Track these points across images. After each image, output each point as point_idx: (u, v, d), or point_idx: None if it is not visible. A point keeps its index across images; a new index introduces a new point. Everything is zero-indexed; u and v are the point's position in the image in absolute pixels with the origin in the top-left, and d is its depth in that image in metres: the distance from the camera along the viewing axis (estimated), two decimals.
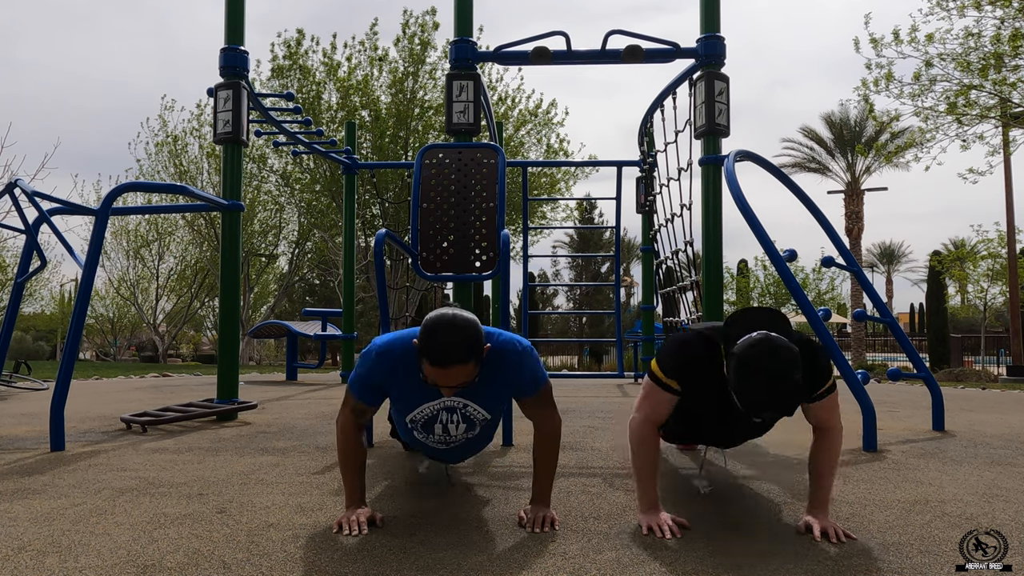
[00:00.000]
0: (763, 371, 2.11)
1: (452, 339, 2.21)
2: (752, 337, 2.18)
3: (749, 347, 2.15)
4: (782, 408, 2.14)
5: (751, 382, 2.12)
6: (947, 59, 12.11)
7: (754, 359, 2.12)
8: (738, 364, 2.15)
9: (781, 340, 2.16)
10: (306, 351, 29.56)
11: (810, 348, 2.40)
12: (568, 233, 42.22)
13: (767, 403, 2.12)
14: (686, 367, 2.46)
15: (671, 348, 2.52)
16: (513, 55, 5.59)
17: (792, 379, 2.11)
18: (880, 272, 52.60)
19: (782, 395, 2.11)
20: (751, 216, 4.20)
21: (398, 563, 2.13)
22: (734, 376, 2.17)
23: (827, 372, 2.44)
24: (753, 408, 2.15)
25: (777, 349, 2.13)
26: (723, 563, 2.14)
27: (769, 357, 2.12)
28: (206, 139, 22.39)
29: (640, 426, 2.51)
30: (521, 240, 11.20)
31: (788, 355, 2.12)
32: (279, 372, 11.96)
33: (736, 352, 2.18)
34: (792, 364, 2.12)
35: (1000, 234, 18.85)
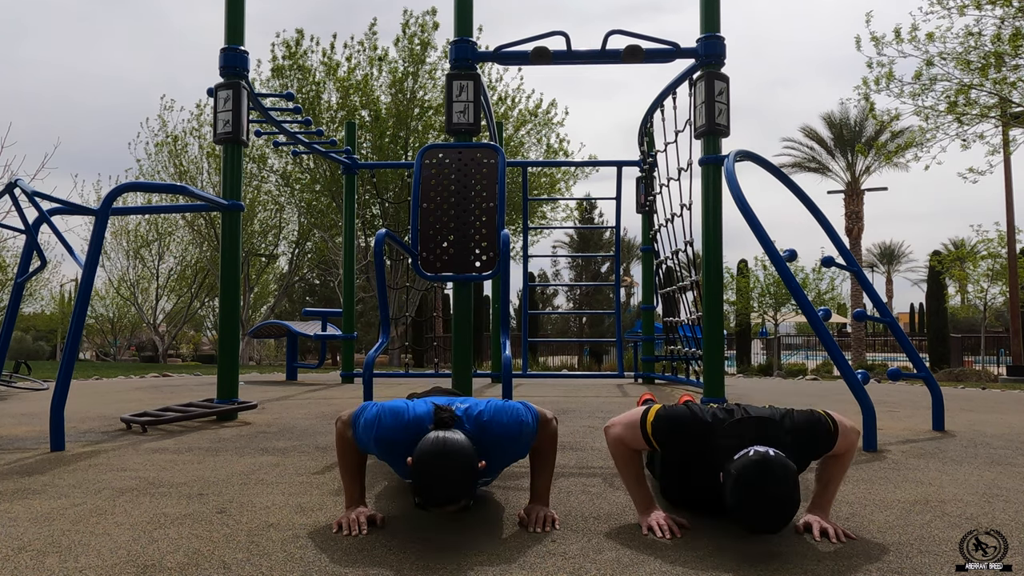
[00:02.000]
0: (761, 492, 2.11)
1: (443, 488, 2.16)
2: (748, 456, 2.17)
3: (745, 467, 2.14)
4: (780, 525, 2.15)
5: (749, 503, 2.12)
6: (947, 58, 12.11)
7: (752, 480, 2.12)
8: (735, 484, 2.14)
9: (777, 459, 2.15)
10: (306, 351, 29.57)
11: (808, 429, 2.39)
12: (568, 233, 42.24)
13: (765, 522, 2.14)
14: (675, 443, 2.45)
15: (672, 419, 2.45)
16: (513, 55, 5.59)
17: (789, 498, 2.11)
18: (880, 272, 52.61)
19: (780, 514, 2.12)
20: (751, 216, 4.20)
21: (398, 563, 2.13)
22: (731, 495, 2.16)
23: (830, 435, 2.42)
24: (751, 526, 2.17)
25: (774, 469, 2.12)
26: (723, 563, 2.14)
27: (767, 478, 2.11)
28: (206, 139, 22.41)
29: (616, 441, 2.54)
30: (521, 240, 11.20)
31: (785, 474, 2.12)
32: (279, 372, 11.96)
33: (733, 472, 2.16)
34: (789, 482, 2.12)
35: (1000, 234, 18.85)
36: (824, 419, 2.44)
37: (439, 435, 2.21)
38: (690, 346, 7.69)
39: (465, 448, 2.19)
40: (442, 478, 2.15)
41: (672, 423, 2.44)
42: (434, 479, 2.15)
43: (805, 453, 2.39)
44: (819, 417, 2.44)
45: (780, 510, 2.11)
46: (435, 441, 2.19)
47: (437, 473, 2.15)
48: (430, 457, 2.16)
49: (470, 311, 5.28)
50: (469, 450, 2.20)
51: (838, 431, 2.43)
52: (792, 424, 2.38)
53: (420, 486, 2.17)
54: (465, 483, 2.18)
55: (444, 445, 2.18)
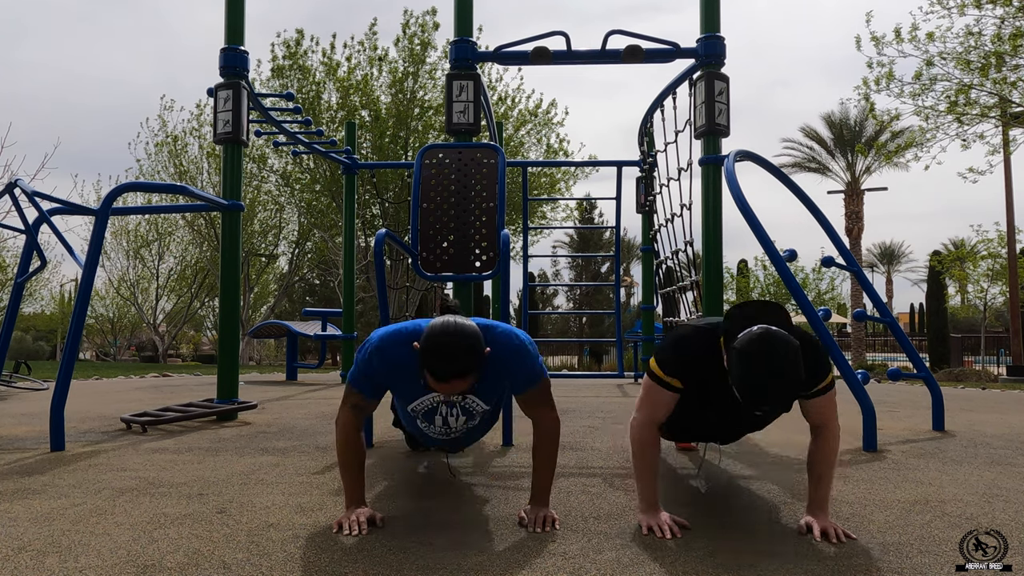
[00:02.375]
0: (764, 363, 2.11)
1: (453, 354, 2.24)
2: (752, 331, 2.18)
3: (749, 341, 2.16)
4: (782, 400, 2.16)
5: (752, 375, 2.13)
6: (947, 58, 12.11)
7: (755, 352, 2.13)
8: (738, 357, 2.16)
9: (781, 333, 2.17)
10: (306, 351, 29.56)
11: (809, 343, 2.40)
12: (568, 233, 42.22)
13: (768, 395, 2.13)
14: (687, 364, 2.46)
15: (670, 345, 2.52)
16: (513, 55, 5.59)
17: (793, 369, 2.12)
18: (880, 272, 52.60)
19: (782, 387, 2.12)
20: (751, 216, 4.20)
21: (398, 563, 2.13)
22: (735, 369, 2.18)
23: (826, 369, 2.44)
24: (753, 400, 2.16)
25: (777, 342, 2.13)
26: (723, 563, 2.14)
27: (769, 350, 2.12)
28: (206, 139, 22.39)
29: (641, 427, 2.51)
30: (521, 240, 11.20)
31: (788, 348, 2.13)
32: (279, 372, 11.96)
33: (736, 346, 2.18)
34: (792, 356, 2.13)
35: (1000, 234, 18.85)
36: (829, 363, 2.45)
37: (446, 316, 2.34)
38: None
39: (471, 326, 2.31)
40: (452, 350, 2.23)
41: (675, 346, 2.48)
42: (444, 350, 2.23)
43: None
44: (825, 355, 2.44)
45: (782, 381, 2.11)
46: (443, 319, 2.31)
47: (446, 345, 2.23)
48: (439, 330, 2.27)
49: (470, 311, 5.28)
50: (475, 328, 2.32)
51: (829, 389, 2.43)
52: (798, 332, 2.37)
53: (429, 356, 2.24)
54: (473, 355, 2.26)
55: (453, 322, 2.30)
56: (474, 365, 2.27)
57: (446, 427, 2.63)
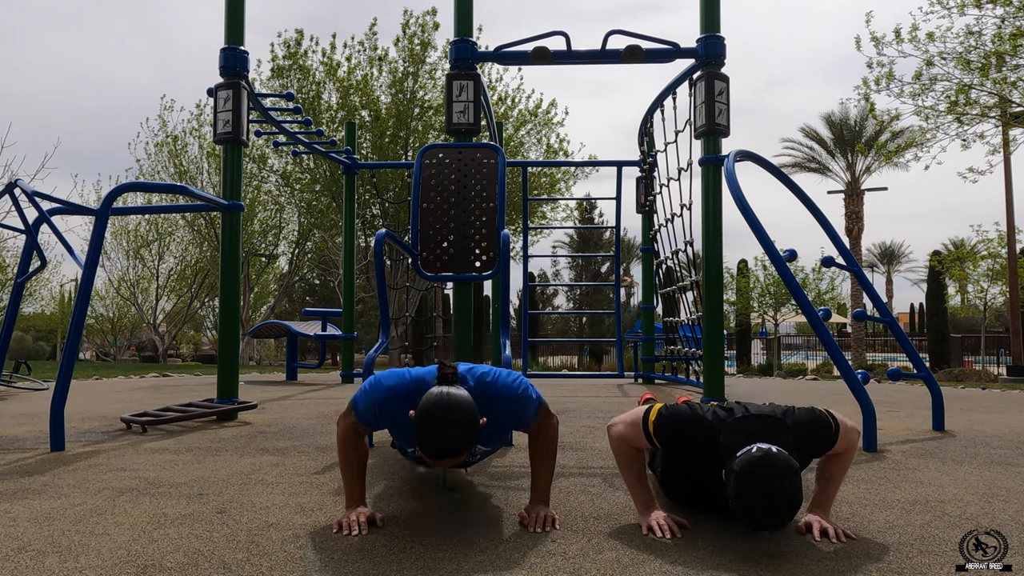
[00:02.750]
0: (763, 489, 2.10)
1: (446, 438, 2.20)
2: (751, 452, 2.16)
3: (748, 464, 2.13)
4: (781, 523, 2.14)
5: (751, 500, 2.11)
6: (947, 58, 12.10)
7: (754, 477, 2.11)
8: (737, 481, 2.13)
9: (780, 456, 2.14)
10: (306, 351, 29.56)
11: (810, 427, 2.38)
12: (568, 233, 42.22)
13: (767, 520, 2.13)
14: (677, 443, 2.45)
15: (675, 419, 2.46)
16: (513, 55, 5.59)
17: (792, 496, 2.10)
18: (880, 272, 52.64)
19: (782, 512, 2.11)
20: (751, 216, 4.20)
21: (398, 563, 2.13)
22: (733, 491, 2.15)
23: (831, 434, 2.42)
24: (752, 524, 2.16)
25: (777, 466, 2.11)
26: (723, 563, 2.14)
27: (769, 475, 2.10)
28: (206, 139, 22.39)
29: (619, 440, 2.55)
30: (521, 240, 11.19)
31: (788, 471, 2.11)
32: (279, 372, 11.96)
33: (736, 469, 2.15)
34: (792, 480, 2.11)
35: (1000, 234, 18.83)
36: (825, 417, 2.44)
37: (443, 389, 2.28)
38: (690, 346, 7.69)
39: (467, 402, 2.26)
40: (445, 429, 2.19)
41: (674, 422, 2.44)
42: (436, 430, 2.20)
43: (806, 451, 2.39)
44: (820, 415, 2.44)
45: (782, 507, 2.10)
46: (439, 394, 2.25)
47: (440, 424, 2.20)
48: (432, 408, 2.22)
49: (470, 311, 5.28)
50: (471, 404, 2.26)
51: (839, 430, 2.43)
52: (794, 421, 2.37)
53: (422, 438, 2.21)
54: (466, 435, 2.22)
55: (448, 397, 2.24)
56: (467, 445, 2.23)
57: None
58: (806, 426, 2.38)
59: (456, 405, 2.22)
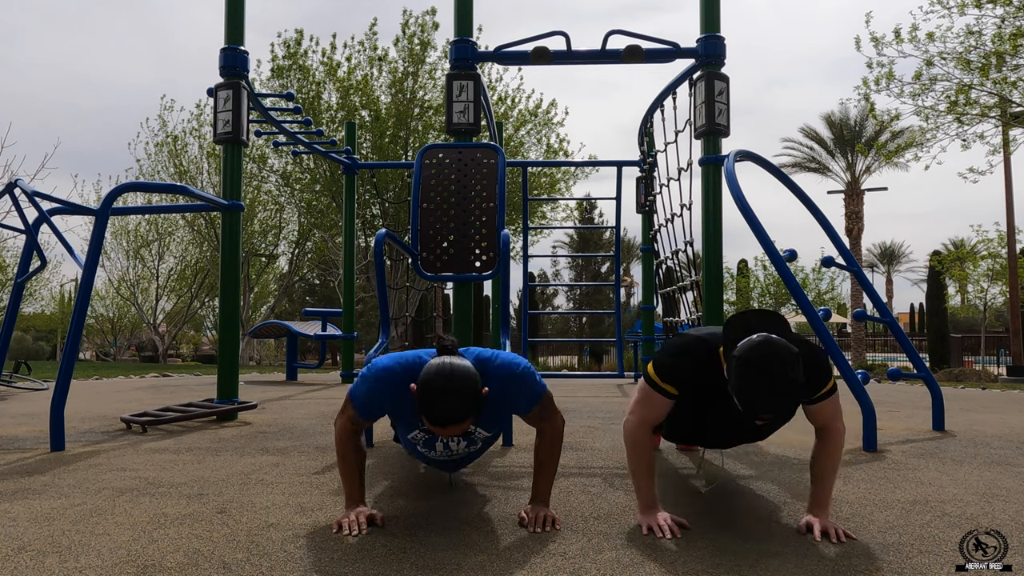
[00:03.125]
0: (764, 372, 2.10)
1: (450, 403, 2.20)
2: (753, 339, 2.18)
3: (750, 349, 2.15)
4: (783, 409, 2.14)
5: (752, 383, 2.12)
6: (947, 58, 12.11)
7: (755, 360, 2.12)
8: (739, 365, 2.15)
9: (781, 341, 2.16)
10: (306, 351, 29.56)
11: (810, 350, 2.39)
12: (568, 233, 42.22)
13: (768, 404, 2.12)
14: (684, 372, 2.45)
15: (668, 352, 2.51)
16: (513, 55, 5.58)
17: (793, 380, 2.11)
18: (880, 272, 52.64)
19: (783, 396, 2.11)
20: (751, 216, 4.20)
21: (398, 563, 2.13)
22: (735, 377, 2.17)
23: (827, 374, 2.43)
24: (753, 409, 2.15)
25: (778, 350, 2.13)
26: (723, 563, 2.14)
27: (770, 358, 2.11)
28: (206, 139, 22.39)
29: (635, 429, 2.51)
30: (521, 240, 11.19)
31: (789, 356, 2.12)
32: (279, 372, 11.96)
33: (737, 354, 2.17)
34: (793, 365, 2.12)
35: (1000, 234, 18.84)
36: (829, 367, 2.45)
37: (443, 359, 2.28)
38: None
39: (469, 369, 2.26)
40: (448, 396, 2.19)
41: (673, 356, 2.47)
42: (440, 396, 2.19)
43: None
44: (827, 362, 2.44)
45: (782, 390, 2.10)
46: (440, 363, 2.26)
47: (443, 391, 2.19)
48: (435, 375, 2.22)
49: (470, 311, 5.28)
50: (473, 372, 2.26)
51: (831, 394, 2.42)
52: (798, 339, 2.37)
53: (426, 406, 2.21)
54: (470, 401, 2.22)
55: (449, 365, 2.24)
56: (471, 411, 2.24)
57: (447, 451, 2.60)
58: (808, 356, 2.37)
59: (458, 372, 2.23)
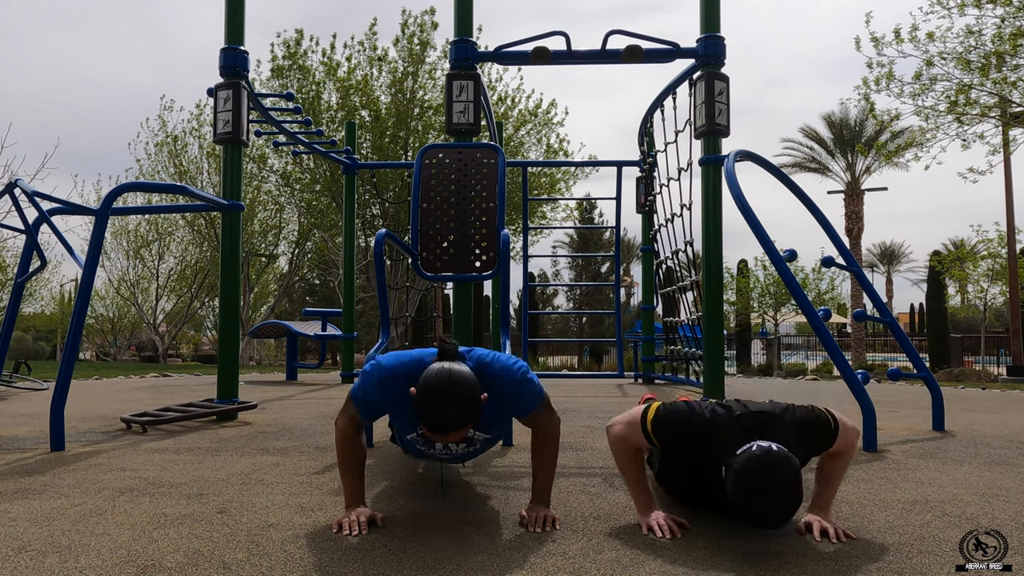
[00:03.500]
0: (763, 487, 2.10)
1: (449, 411, 2.19)
2: (752, 451, 2.16)
3: (749, 461, 2.13)
4: (781, 521, 2.15)
5: (751, 498, 2.11)
6: (947, 58, 12.11)
7: (754, 475, 2.11)
8: (737, 478, 2.14)
9: (781, 453, 2.14)
10: (306, 351, 29.54)
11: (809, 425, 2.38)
12: (568, 233, 42.21)
13: (766, 518, 2.13)
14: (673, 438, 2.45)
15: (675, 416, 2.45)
16: (513, 55, 5.59)
17: (792, 495, 2.11)
18: (880, 272, 52.65)
19: (782, 510, 2.11)
20: (751, 216, 4.20)
21: (398, 563, 2.13)
22: (732, 488, 2.15)
23: (830, 432, 2.42)
24: (751, 522, 2.17)
25: (777, 463, 2.11)
26: (723, 563, 2.14)
27: (770, 472, 2.10)
28: (206, 139, 22.39)
29: (618, 439, 2.54)
30: (521, 240, 11.19)
31: (788, 468, 2.11)
32: (279, 372, 11.96)
33: (736, 467, 2.16)
34: (792, 478, 2.11)
35: (1000, 234, 18.84)
36: (825, 415, 2.44)
37: (443, 364, 2.28)
38: (690, 346, 7.69)
39: (469, 375, 2.26)
40: (447, 403, 2.19)
41: (673, 420, 2.44)
42: (439, 404, 2.19)
43: (806, 449, 2.38)
44: (820, 413, 2.44)
45: (782, 505, 2.10)
46: (440, 369, 2.25)
47: (442, 398, 2.19)
48: (435, 382, 2.21)
49: (470, 311, 5.28)
50: (472, 378, 2.26)
51: (839, 428, 2.43)
52: (793, 419, 2.37)
53: (425, 413, 2.20)
54: (469, 409, 2.22)
55: (449, 371, 2.24)
56: (470, 418, 2.23)
57: (447, 451, 2.61)
58: (806, 424, 2.38)
59: (457, 379, 2.22)
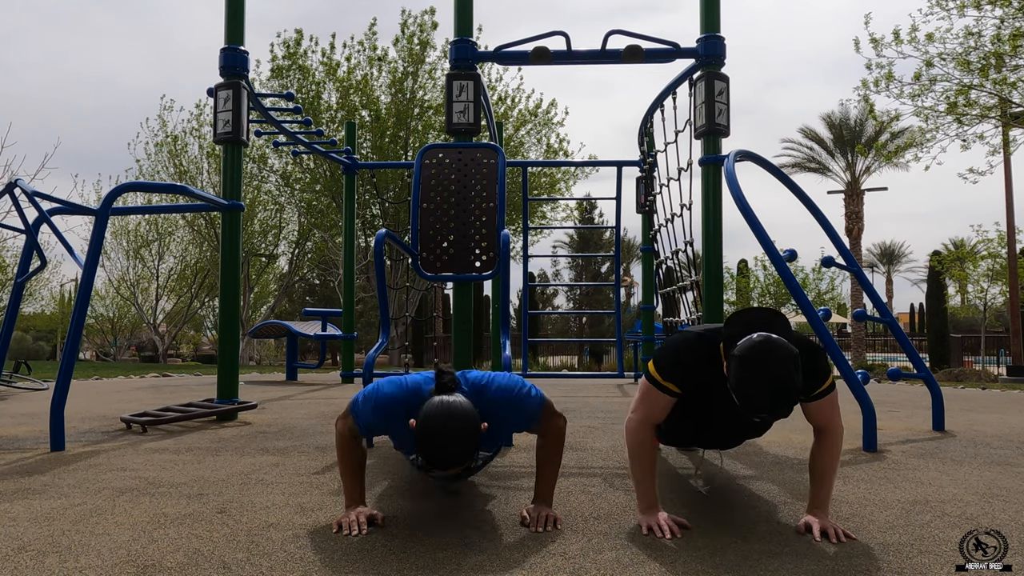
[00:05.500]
0: (763, 371, 2.11)
1: (449, 448, 2.19)
2: (752, 338, 2.19)
3: (749, 347, 2.16)
4: (781, 407, 2.15)
5: (751, 382, 2.13)
6: (947, 59, 12.11)
7: (754, 359, 2.13)
8: (738, 364, 2.16)
9: (781, 340, 2.17)
10: (306, 351, 29.55)
11: (809, 348, 2.40)
12: (568, 233, 42.21)
13: (767, 402, 2.13)
14: (685, 369, 2.45)
15: (669, 350, 2.51)
16: (513, 55, 5.58)
17: (792, 378, 2.12)
18: (880, 272, 52.64)
19: (781, 394, 2.12)
20: (751, 216, 4.20)
21: (398, 563, 2.13)
22: (734, 376, 2.17)
23: (826, 372, 2.44)
24: (752, 407, 2.16)
25: (777, 349, 2.14)
26: (723, 563, 2.14)
27: (769, 357, 2.12)
28: (206, 139, 22.39)
29: (637, 428, 2.51)
30: (521, 240, 11.20)
31: (788, 355, 2.13)
32: (279, 372, 11.96)
33: (736, 353, 2.18)
34: (792, 364, 2.13)
35: (1000, 234, 18.84)
36: (827, 364, 2.45)
37: (442, 398, 2.27)
38: None
39: (468, 409, 2.25)
40: (446, 439, 2.19)
41: (674, 353, 2.46)
42: (438, 440, 2.19)
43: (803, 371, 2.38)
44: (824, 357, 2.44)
45: (781, 390, 2.11)
46: (439, 404, 2.25)
47: (441, 434, 2.19)
48: (434, 418, 2.21)
49: (470, 311, 5.28)
50: (472, 411, 2.25)
51: (829, 387, 2.42)
52: (797, 337, 2.37)
53: (424, 448, 2.20)
54: (468, 444, 2.22)
55: (447, 406, 2.23)
56: (471, 453, 2.23)
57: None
58: (807, 354, 2.37)
59: (457, 414, 2.21)
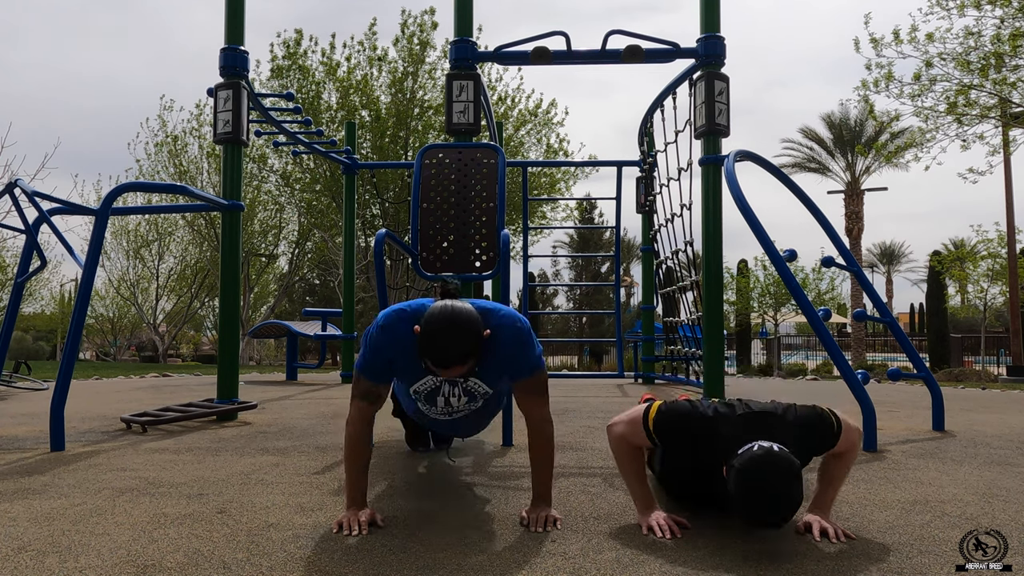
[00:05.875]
0: (763, 484, 2.10)
1: (452, 343, 2.28)
2: (753, 451, 2.16)
3: (749, 459, 2.14)
4: (782, 522, 2.16)
5: (751, 494, 2.12)
6: (947, 59, 12.11)
7: (757, 477, 2.11)
8: (739, 480, 2.14)
9: (782, 454, 2.14)
10: (306, 351, 29.53)
11: (810, 424, 2.38)
12: (568, 233, 42.20)
13: (766, 514, 2.13)
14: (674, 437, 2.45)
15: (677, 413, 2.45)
16: (513, 55, 5.59)
17: (792, 491, 2.11)
18: (880, 272, 52.65)
19: (782, 507, 2.11)
20: (751, 216, 4.20)
21: (398, 563, 2.13)
22: (735, 491, 2.15)
23: (832, 432, 2.42)
24: (752, 518, 2.17)
25: (778, 462, 2.12)
26: (723, 563, 2.14)
27: (770, 470, 2.11)
28: (206, 139, 22.38)
29: (618, 439, 2.55)
30: (521, 240, 11.19)
31: (788, 467, 2.11)
32: (279, 372, 11.96)
33: (736, 464, 2.16)
34: (792, 476, 2.11)
35: (1000, 234, 18.83)
36: (827, 415, 2.44)
37: (446, 301, 2.38)
38: (690, 346, 7.69)
39: (471, 311, 2.35)
40: (449, 335, 2.28)
41: (674, 418, 2.44)
42: (442, 336, 2.28)
43: (807, 449, 2.38)
44: (822, 413, 2.44)
45: (782, 505, 2.10)
46: (443, 305, 2.35)
47: (445, 331, 2.28)
48: (437, 316, 2.32)
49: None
50: (475, 315, 2.35)
51: (841, 429, 2.42)
52: (795, 419, 2.37)
53: (428, 346, 2.29)
54: (471, 341, 2.31)
55: (451, 307, 2.34)
56: (473, 350, 2.32)
57: (448, 407, 2.65)
58: (807, 424, 2.38)
59: (460, 312, 2.32)
